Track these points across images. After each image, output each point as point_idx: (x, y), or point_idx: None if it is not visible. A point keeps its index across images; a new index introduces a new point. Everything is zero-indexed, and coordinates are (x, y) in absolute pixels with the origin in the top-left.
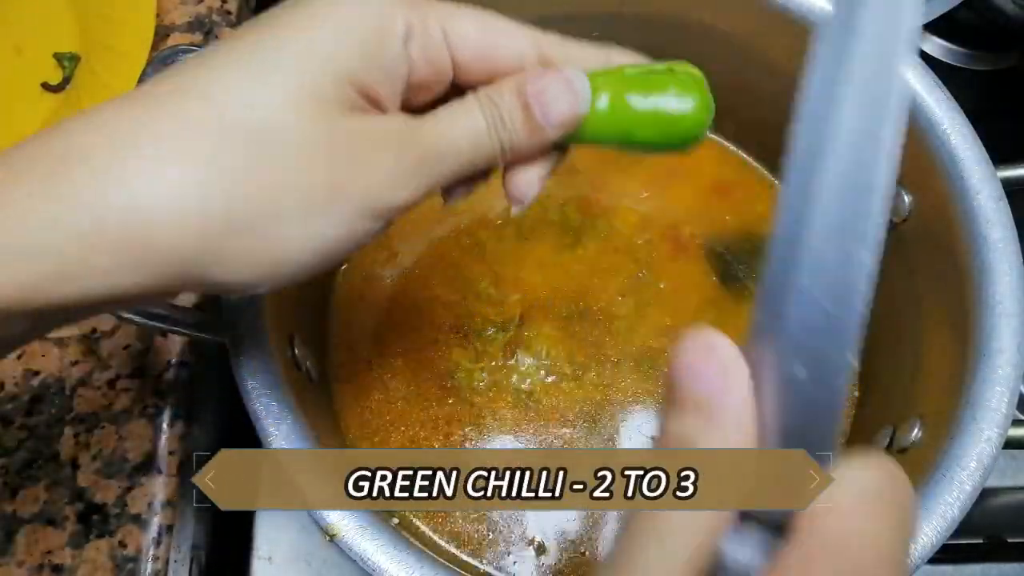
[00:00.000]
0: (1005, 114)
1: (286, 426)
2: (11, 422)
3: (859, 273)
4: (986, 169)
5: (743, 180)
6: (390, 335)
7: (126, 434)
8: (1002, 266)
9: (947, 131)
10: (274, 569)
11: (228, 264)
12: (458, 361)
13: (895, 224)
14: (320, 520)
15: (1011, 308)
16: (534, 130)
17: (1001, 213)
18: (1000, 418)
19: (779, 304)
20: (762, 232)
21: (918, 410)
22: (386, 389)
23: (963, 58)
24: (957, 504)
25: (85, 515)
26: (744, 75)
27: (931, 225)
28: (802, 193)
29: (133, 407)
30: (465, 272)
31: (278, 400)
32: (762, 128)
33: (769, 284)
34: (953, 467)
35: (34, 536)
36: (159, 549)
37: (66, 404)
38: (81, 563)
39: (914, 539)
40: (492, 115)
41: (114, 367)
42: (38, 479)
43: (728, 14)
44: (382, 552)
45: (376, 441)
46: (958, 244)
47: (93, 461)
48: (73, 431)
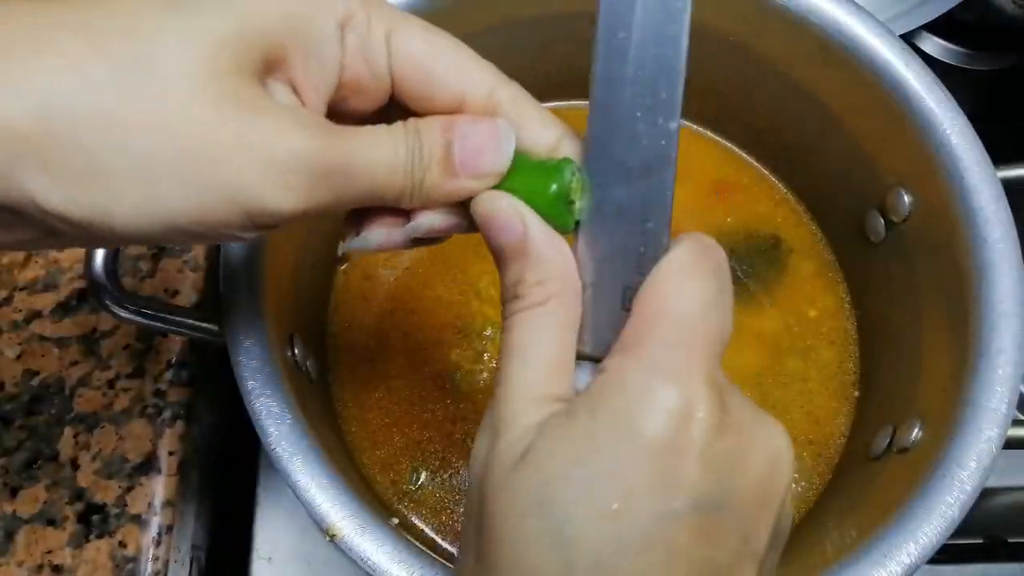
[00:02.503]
0: (1005, 114)
1: (286, 426)
2: (11, 422)
3: None
4: (986, 169)
5: (743, 180)
6: (390, 335)
7: (126, 434)
8: (1002, 266)
9: (947, 131)
10: (274, 569)
11: (51, 176)
12: (458, 361)
13: (895, 224)
14: (320, 520)
15: (1011, 308)
16: (447, 173)
17: (1001, 213)
18: (1000, 418)
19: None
20: (762, 232)
21: (918, 410)
22: (387, 389)
23: (963, 58)
24: (957, 504)
25: (85, 515)
26: (744, 75)
27: (931, 225)
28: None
29: (133, 407)
30: (466, 272)
31: (278, 400)
32: (762, 128)
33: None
34: (953, 467)
35: (34, 536)
36: (159, 549)
37: (66, 404)
38: (81, 563)
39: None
40: (413, 147)
41: (114, 367)
42: (38, 479)
43: (728, 14)
44: (382, 552)
45: (376, 441)
46: (958, 244)
47: (93, 461)
48: (73, 431)
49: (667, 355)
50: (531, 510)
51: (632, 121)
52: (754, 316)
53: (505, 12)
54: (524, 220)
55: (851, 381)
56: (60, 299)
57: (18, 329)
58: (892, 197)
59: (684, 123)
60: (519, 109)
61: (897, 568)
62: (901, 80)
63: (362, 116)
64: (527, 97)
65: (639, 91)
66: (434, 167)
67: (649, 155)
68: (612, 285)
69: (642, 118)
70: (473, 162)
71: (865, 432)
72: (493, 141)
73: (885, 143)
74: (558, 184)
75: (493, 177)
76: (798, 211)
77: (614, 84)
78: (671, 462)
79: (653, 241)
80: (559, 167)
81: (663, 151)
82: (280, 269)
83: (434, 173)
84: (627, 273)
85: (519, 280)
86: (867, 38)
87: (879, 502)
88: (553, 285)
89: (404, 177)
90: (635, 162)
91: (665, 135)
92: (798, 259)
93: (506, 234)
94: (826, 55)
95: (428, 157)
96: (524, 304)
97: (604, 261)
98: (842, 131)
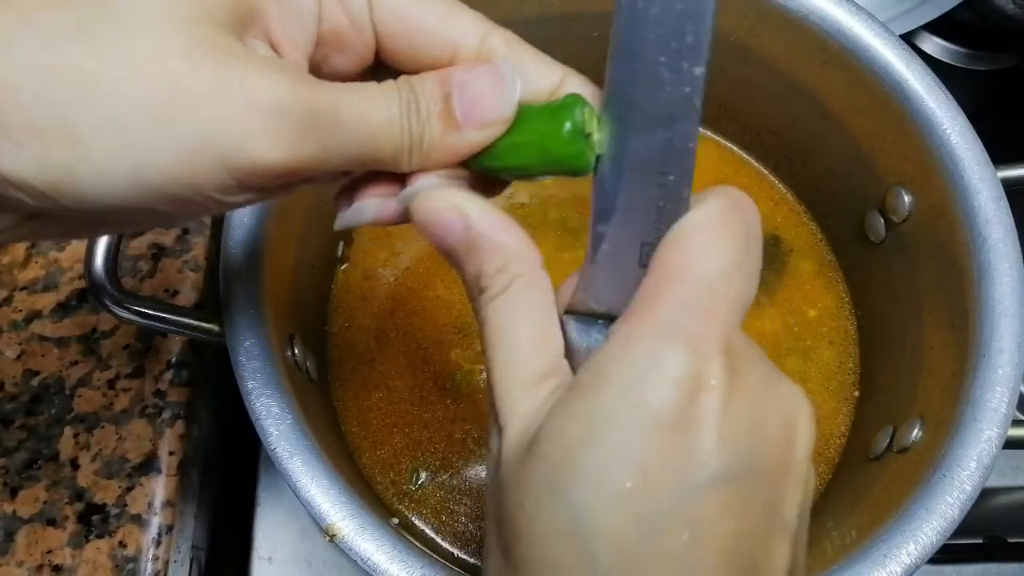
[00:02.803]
0: (1005, 114)
1: (286, 426)
2: (11, 422)
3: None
4: (986, 169)
5: (743, 180)
6: (390, 335)
7: (126, 434)
8: (1002, 266)
9: (947, 131)
10: (274, 569)
11: (12, 140)
12: (458, 361)
13: (895, 224)
14: (320, 520)
15: (1011, 308)
16: (449, 126)
17: (1001, 213)
18: (1000, 418)
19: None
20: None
21: (918, 410)
22: (387, 389)
23: (963, 58)
24: (957, 504)
25: (85, 515)
26: (744, 75)
27: (931, 225)
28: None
29: (133, 407)
30: None
31: (278, 400)
32: (762, 128)
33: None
34: (953, 467)
35: (34, 536)
36: (159, 549)
37: (66, 404)
38: (81, 563)
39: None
40: (408, 100)
41: (114, 367)
42: (38, 479)
43: (728, 13)
44: (382, 552)
45: (377, 441)
46: (958, 244)
47: (93, 461)
48: (73, 431)
49: (680, 319)
50: (543, 500)
51: (655, 66)
52: (754, 316)
53: (505, 11)
54: (463, 212)
55: (851, 381)
56: (60, 299)
57: (18, 329)
58: (892, 197)
59: None
60: (516, 54)
61: (897, 568)
62: (901, 80)
63: (347, 78)
64: (522, 41)
65: (664, 33)
66: (434, 121)
67: (672, 103)
68: (629, 240)
69: (666, 63)
70: (477, 110)
71: (865, 432)
72: (496, 85)
73: (885, 143)
74: (571, 121)
75: (500, 124)
76: (798, 211)
77: (637, 25)
78: (685, 435)
79: (673, 195)
80: (567, 104)
81: (687, 99)
82: (280, 269)
83: (434, 128)
84: (645, 228)
85: (479, 273)
86: (867, 38)
87: (879, 502)
88: (514, 266)
89: (401, 133)
90: (657, 110)
91: (690, 81)
92: (798, 259)
93: (451, 234)
94: (826, 55)
95: (426, 111)
96: (490, 295)
97: (621, 214)
98: (842, 131)
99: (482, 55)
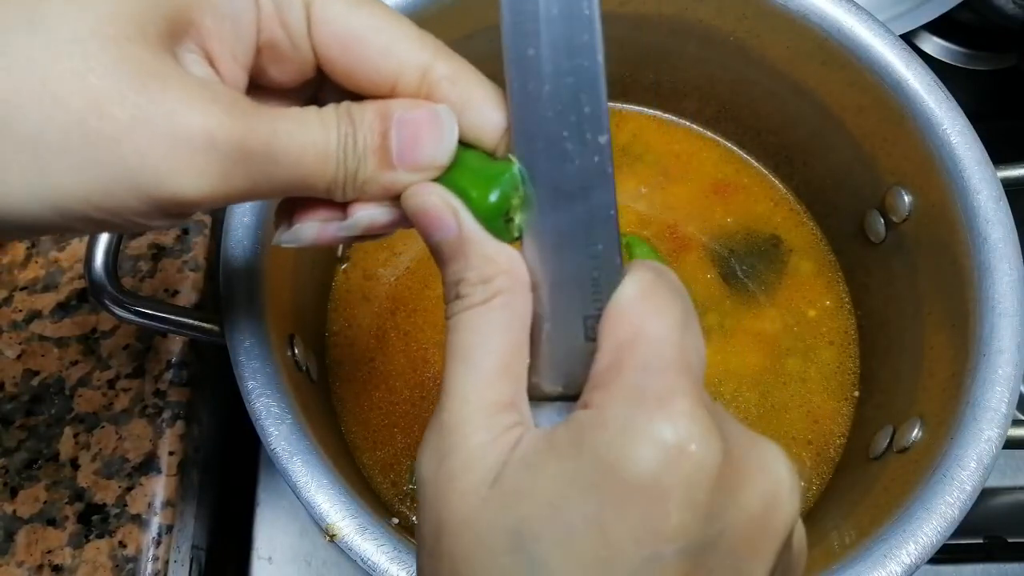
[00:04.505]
0: (1005, 114)
1: (286, 426)
2: (11, 422)
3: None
4: (986, 169)
5: (743, 180)
6: (390, 335)
7: (126, 434)
8: (1002, 266)
9: (947, 131)
10: (274, 569)
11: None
12: None
13: (895, 224)
14: (320, 520)
15: (1011, 308)
16: (384, 164)
17: (1001, 213)
18: (1000, 418)
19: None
20: (762, 232)
21: (918, 410)
22: (387, 389)
23: (963, 58)
24: (957, 504)
25: (85, 515)
26: (744, 75)
27: (931, 225)
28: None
29: (133, 407)
30: None
31: (278, 400)
32: (762, 128)
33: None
34: (953, 467)
35: (34, 536)
36: (159, 549)
37: (66, 404)
38: (81, 563)
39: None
40: (346, 132)
41: (114, 367)
42: (38, 479)
43: (728, 13)
44: (382, 552)
45: (377, 441)
46: (958, 244)
47: (93, 461)
48: (73, 431)
49: (650, 383)
50: (503, 549)
51: (559, 141)
52: (754, 316)
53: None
54: (458, 216)
55: (851, 381)
56: (60, 299)
57: (18, 329)
58: (892, 197)
59: (684, 123)
60: (460, 89)
61: (897, 568)
62: (901, 80)
63: (288, 92)
64: (471, 74)
65: (561, 109)
66: (369, 157)
67: (584, 174)
68: (570, 316)
69: (569, 137)
70: (411, 153)
71: (865, 432)
72: (433, 131)
73: (885, 143)
74: (500, 192)
75: (433, 171)
76: (798, 211)
77: (533, 105)
78: (656, 506)
79: (607, 265)
80: (501, 173)
81: (599, 167)
82: (280, 269)
83: (369, 164)
84: (584, 302)
85: (460, 279)
86: (867, 38)
87: (879, 502)
88: (499, 281)
89: (336, 167)
90: (571, 184)
91: (597, 150)
92: (798, 259)
93: (440, 231)
94: (826, 55)
95: (363, 145)
96: (466, 304)
97: (557, 291)
98: (842, 131)
99: (425, 86)
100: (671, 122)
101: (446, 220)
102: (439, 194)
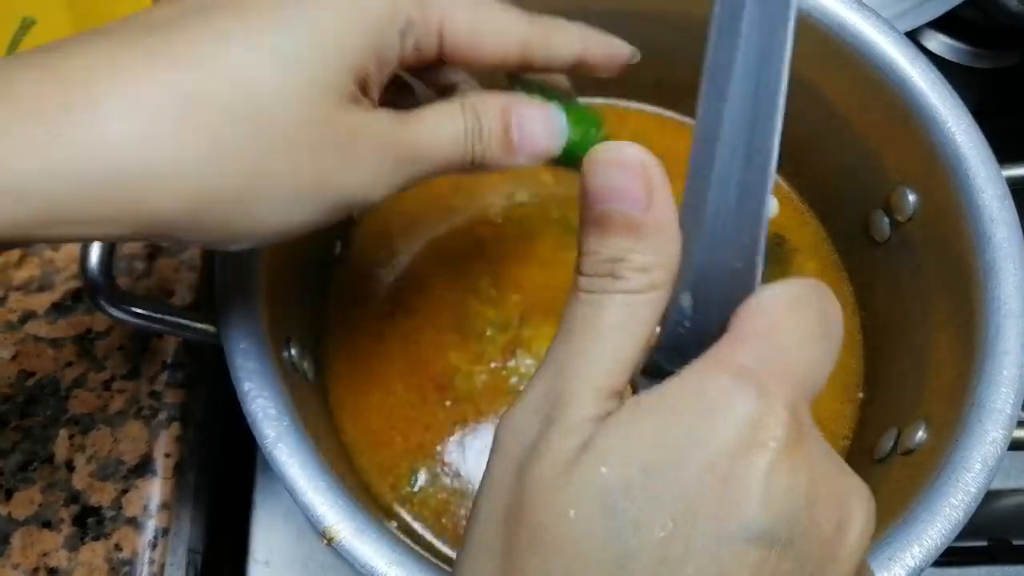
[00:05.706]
0: (1010, 112)
1: (283, 428)
2: (6, 424)
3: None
4: (991, 167)
5: None
6: (389, 335)
7: (121, 436)
8: (1007, 265)
9: (951, 129)
10: (271, 573)
11: (205, 229)
12: (457, 363)
13: (900, 223)
14: (318, 523)
15: (1017, 308)
16: (507, 152)
17: (1006, 212)
18: (1005, 420)
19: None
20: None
21: (923, 411)
22: (385, 390)
23: (967, 56)
24: (962, 506)
25: (80, 518)
26: None
27: (936, 224)
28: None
29: (128, 409)
30: (465, 272)
31: (275, 402)
32: None
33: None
34: (958, 469)
35: (29, 539)
36: (155, 552)
37: (61, 405)
38: (76, 566)
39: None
40: (473, 126)
41: (109, 368)
42: (33, 481)
43: None
44: (380, 556)
45: (375, 443)
46: (963, 243)
47: (88, 463)
48: (68, 433)
49: (758, 370)
50: (595, 512)
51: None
52: None
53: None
54: (653, 187)
55: (855, 382)
56: (55, 299)
57: (13, 330)
58: (897, 196)
59: (687, 121)
60: (550, 38)
61: (901, 571)
62: (906, 78)
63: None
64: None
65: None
66: (494, 144)
67: (751, 176)
68: (710, 308)
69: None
70: (530, 145)
71: (869, 434)
72: (549, 129)
73: (889, 141)
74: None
75: (546, 158)
76: (802, 210)
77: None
78: (737, 484)
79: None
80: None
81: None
82: (277, 269)
83: (494, 149)
84: (723, 295)
85: (620, 258)
86: (871, 35)
87: (883, 504)
88: (658, 274)
89: (466, 152)
90: (734, 187)
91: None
92: (802, 258)
93: (625, 202)
94: (829, 53)
95: (488, 134)
96: (620, 287)
97: (703, 281)
98: (846, 129)
99: (525, 50)
100: (674, 120)
101: (636, 191)
102: (638, 155)
